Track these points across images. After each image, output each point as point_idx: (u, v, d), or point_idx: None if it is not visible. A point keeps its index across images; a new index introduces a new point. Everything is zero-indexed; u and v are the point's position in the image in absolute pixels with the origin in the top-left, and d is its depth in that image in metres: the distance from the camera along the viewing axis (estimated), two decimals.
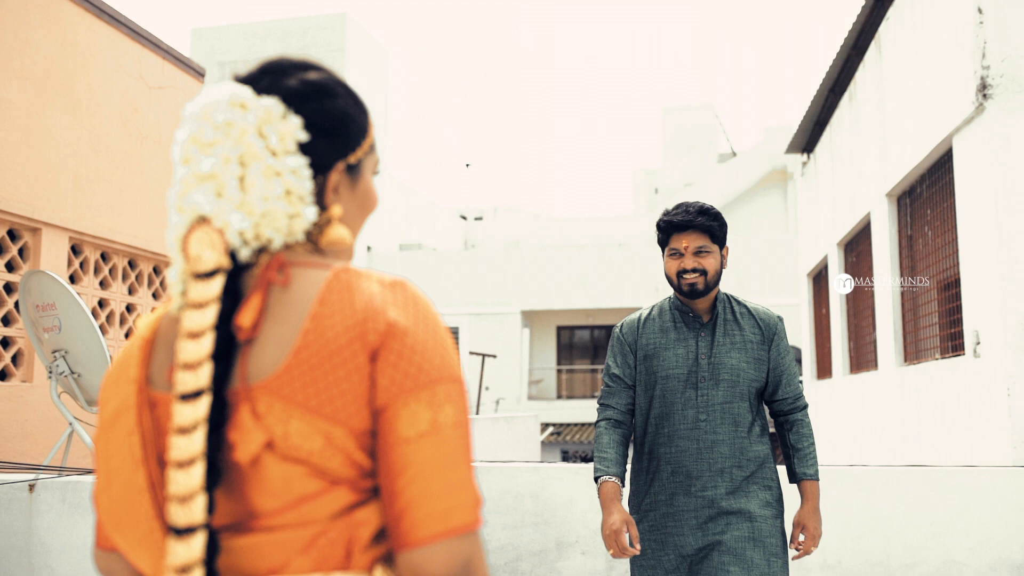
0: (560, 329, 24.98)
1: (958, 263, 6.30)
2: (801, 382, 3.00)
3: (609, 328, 24.67)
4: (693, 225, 2.81)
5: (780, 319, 2.94)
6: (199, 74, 7.72)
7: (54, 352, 4.76)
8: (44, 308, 4.72)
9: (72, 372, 4.75)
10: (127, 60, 6.77)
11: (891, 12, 8.03)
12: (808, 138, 12.28)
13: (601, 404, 2.95)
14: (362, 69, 23.30)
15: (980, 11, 5.81)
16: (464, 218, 31.78)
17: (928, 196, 7.26)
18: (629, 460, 2.95)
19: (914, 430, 7.38)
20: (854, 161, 9.46)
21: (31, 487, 4.53)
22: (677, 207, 2.90)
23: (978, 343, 5.87)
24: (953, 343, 6.57)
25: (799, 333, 13.72)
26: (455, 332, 23.03)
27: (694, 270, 2.80)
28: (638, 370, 2.89)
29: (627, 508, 2.89)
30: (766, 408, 2.97)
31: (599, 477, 2.79)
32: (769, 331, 2.87)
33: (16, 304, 5.81)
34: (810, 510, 2.84)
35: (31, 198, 5.79)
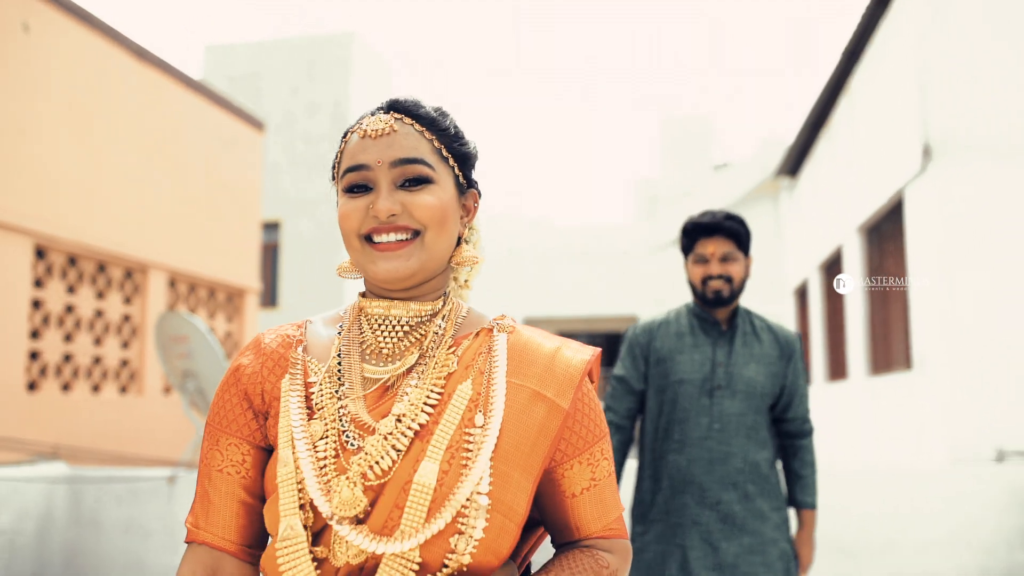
0: (559, 335, 26.28)
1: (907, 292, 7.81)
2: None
3: (607, 335, 26.04)
4: (721, 229, 2.81)
5: (799, 337, 2.95)
6: (259, 127, 9.18)
7: (184, 374, 6.22)
8: (177, 340, 6.19)
9: (199, 390, 6.21)
10: (207, 121, 8.24)
11: (858, 69, 9.54)
12: (794, 164, 13.78)
13: (605, 404, 2.95)
14: (367, 84, 24.54)
15: (923, 89, 7.30)
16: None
17: (890, 233, 8.76)
18: (627, 464, 3.11)
19: (881, 431, 8.89)
20: (831, 193, 10.98)
21: (170, 479, 5.96)
22: (703, 213, 2.89)
23: (922, 363, 7.37)
24: (907, 360, 8.07)
25: None
26: None
27: (720, 276, 2.80)
28: (650, 374, 2.88)
29: (631, 516, 2.96)
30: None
31: None
32: (788, 348, 2.88)
33: (130, 331, 7.27)
34: (806, 538, 2.90)
35: (140, 243, 7.27)
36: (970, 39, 7.24)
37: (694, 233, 2.86)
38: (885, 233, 8.94)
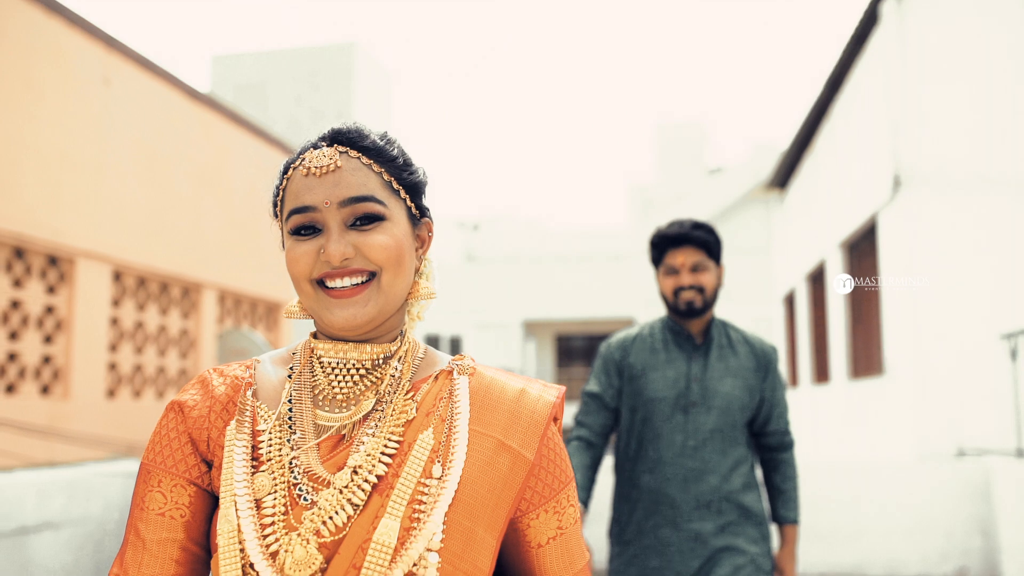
0: (558, 338, 27.16)
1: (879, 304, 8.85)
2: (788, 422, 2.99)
3: (604, 337, 26.80)
4: (690, 240, 2.78)
5: (774, 349, 2.91)
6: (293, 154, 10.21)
7: None
8: (238, 353, 7.21)
9: None
10: (250, 152, 9.27)
11: (839, 99, 10.57)
12: (783, 178, 14.79)
13: (577, 421, 2.90)
14: (368, 93, 25.28)
15: (894, 127, 8.33)
16: (462, 225, 33.55)
17: (866, 251, 9.79)
18: (614, 484, 2.96)
19: (858, 430, 9.93)
20: (815, 210, 12.01)
21: None
22: (671, 223, 2.86)
23: (893, 369, 8.40)
24: (880, 366, 9.11)
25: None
26: (459, 342, 24.99)
27: (692, 287, 2.77)
28: (624, 391, 2.84)
29: (608, 538, 2.92)
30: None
31: None
32: (764, 360, 2.84)
33: (188, 344, 8.27)
34: (788, 554, 2.85)
35: (195, 265, 8.28)
36: (935, 84, 8.26)
37: (662, 244, 2.84)
38: (863, 251, 9.97)
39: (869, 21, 9.00)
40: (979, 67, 8.19)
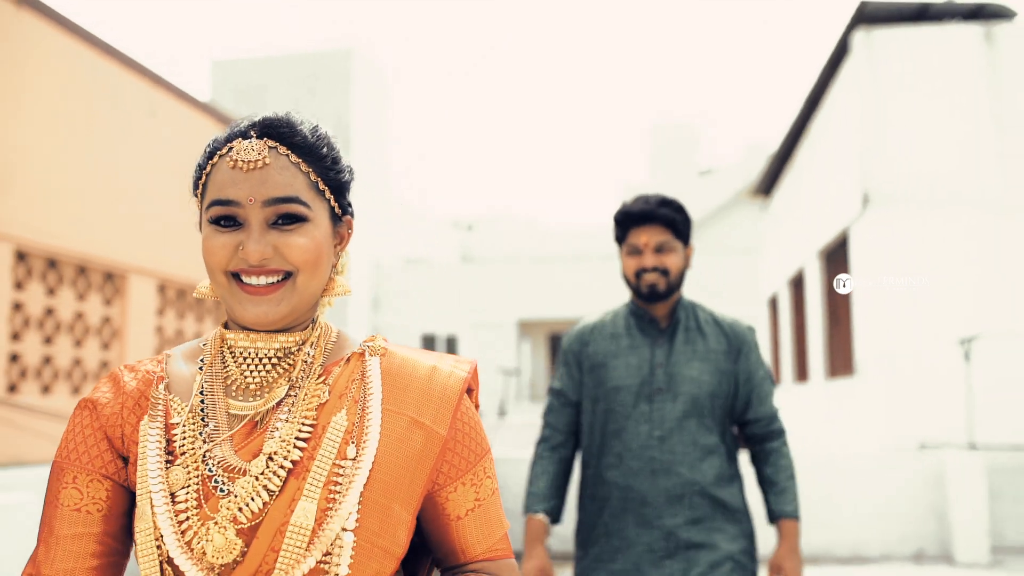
0: (552, 337, 27.93)
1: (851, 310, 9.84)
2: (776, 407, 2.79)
3: None
4: (655, 217, 2.65)
5: (751, 329, 2.77)
6: None
7: None
8: None
9: None
10: None
11: (817, 115, 11.53)
12: (768, 186, 15.74)
13: (543, 421, 2.82)
14: (366, 97, 25.97)
15: (863, 150, 9.31)
16: (458, 225, 34.22)
17: (841, 259, 10.77)
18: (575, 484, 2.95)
19: (833, 426, 10.91)
20: (796, 219, 12.97)
21: None
22: (636, 198, 2.71)
23: (862, 371, 9.38)
24: (851, 367, 10.09)
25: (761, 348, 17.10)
26: (455, 341, 25.63)
27: (655, 269, 2.65)
28: (585, 382, 2.74)
29: (575, 540, 2.77)
30: (736, 431, 2.82)
31: (527, 510, 2.71)
32: (736, 341, 2.70)
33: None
34: (787, 551, 2.61)
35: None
36: (901, 110, 9.23)
37: (626, 222, 2.70)
38: (837, 260, 10.95)
39: (841, 49, 9.94)
40: (941, 95, 9.14)
